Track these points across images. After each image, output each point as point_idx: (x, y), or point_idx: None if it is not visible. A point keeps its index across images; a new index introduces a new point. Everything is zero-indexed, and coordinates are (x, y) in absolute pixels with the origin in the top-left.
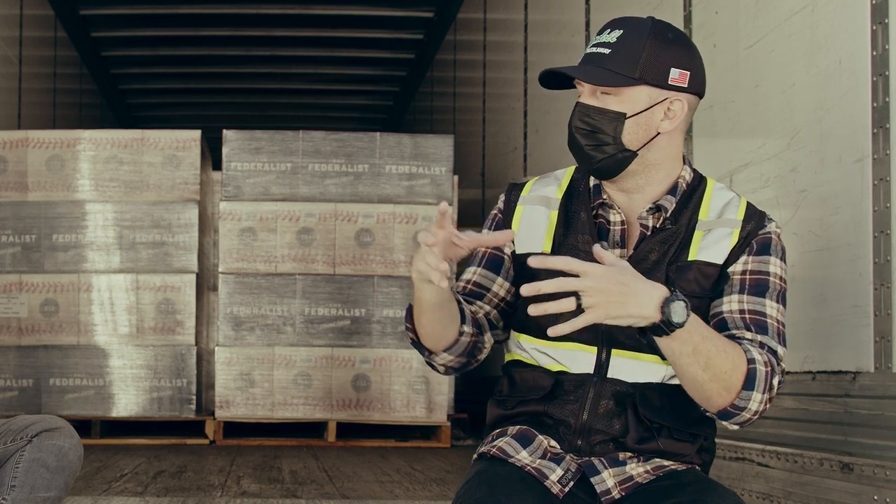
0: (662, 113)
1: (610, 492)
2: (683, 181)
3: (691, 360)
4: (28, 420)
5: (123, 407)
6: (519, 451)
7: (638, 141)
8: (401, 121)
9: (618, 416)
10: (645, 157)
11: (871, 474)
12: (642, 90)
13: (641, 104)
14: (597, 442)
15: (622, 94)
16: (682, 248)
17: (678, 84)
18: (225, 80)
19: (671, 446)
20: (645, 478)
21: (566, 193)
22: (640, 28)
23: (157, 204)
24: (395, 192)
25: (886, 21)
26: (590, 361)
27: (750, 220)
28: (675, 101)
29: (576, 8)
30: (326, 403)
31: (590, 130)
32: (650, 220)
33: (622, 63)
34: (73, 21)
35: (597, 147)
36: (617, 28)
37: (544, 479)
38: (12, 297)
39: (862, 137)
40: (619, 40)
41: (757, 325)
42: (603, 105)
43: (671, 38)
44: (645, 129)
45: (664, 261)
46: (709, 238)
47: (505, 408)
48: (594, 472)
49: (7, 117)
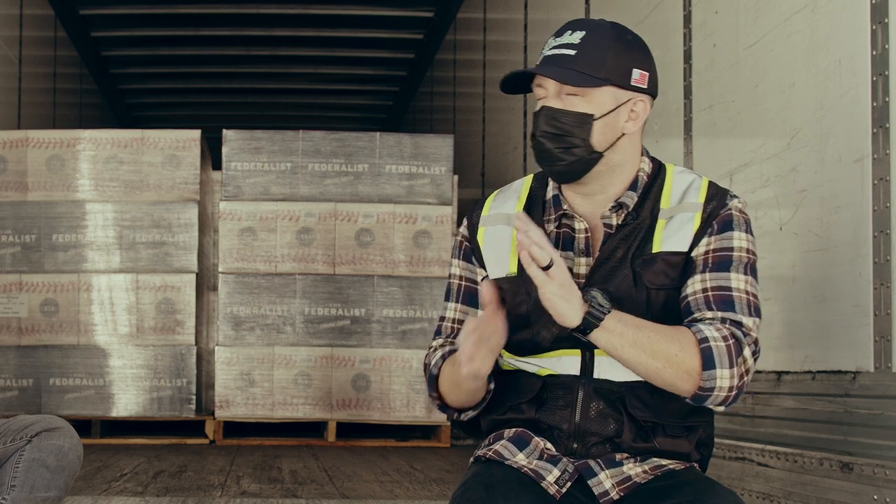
0: (627, 114)
1: (608, 493)
2: (643, 174)
3: (634, 350)
4: (28, 420)
5: (123, 407)
6: (515, 453)
7: (605, 142)
8: (401, 121)
9: (611, 417)
10: (609, 158)
11: (871, 474)
12: (608, 91)
13: (607, 105)
14: (592, 443)
15: (588, 95)
16: (645, 241)
17: (639, 85)
18: (225, 80)
19: (668, 444)
20: (643, 477)
21: (526, 207)
22: (602, 30)
23: (157, 204)
24: (395, 191)
25: (886, 21)
26: (575, 364)
27: (711, 201)
28: (638, 101)
29: (576, 8)
30: (326, 403)
31: (558, 133)
32: (613, 218)
33: (588, 64)
34: (73, 21)
35: (566, 150)
36: (578, 29)
37: (541, 479)
38: (12, 297)
39: (862, 137)
40: (584, 41)
41: (721, 302)
42: (570, 107)
43: (631, 40)
44: (611, 131)
45: (628, 256)
46: (671, 226)
47: (497, 413)
48: (591, 475)
49: (7, 117)
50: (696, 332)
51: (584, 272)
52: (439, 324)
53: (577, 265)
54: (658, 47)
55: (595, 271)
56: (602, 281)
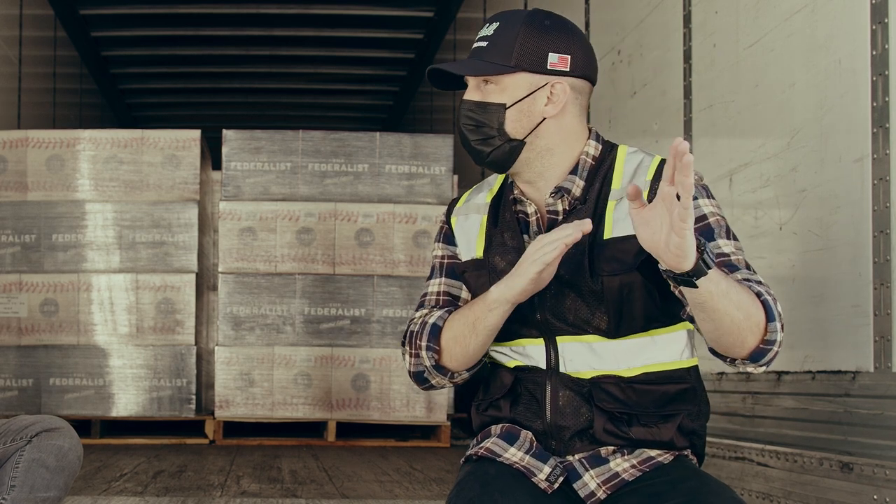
0: (545, 98)
1: (594, 494)
2: (587, 157)
3: (726, 301)
4: (28, 420)
5: (123, 407)
6: (507, 448)
7: (523, 129)
8: (401, 121)
9: (581, 407)
10: (534, 144)
11: (871, 474)
12: (521, 77)
13: (521, 91)
14: (568, 437)
15: (502, 83)
16: (597, 225)
17: (558, 68)
18: (225, 80)
19: (644, 433)
20: (632, 474)
21: (495, 197)
22: (515, 18)
23: (156, 204)
24: (395, 191)
25: (886, 21)
26: (541, 354)
27: (659, 178)
28: (556, 84)
29: (576, 7)
30: (326, 403)
31: (475, 125)
32: (558, 204)
33: (498, 53)
34: (73, 21)
35: (484, 141)
36: (495, 21)
37: (532, 476)
38: (12, 297)
39: (862, 137)
40: (496, 32)
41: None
42: (483, 98)
43: (548, 25)
44: (528, 117)
45: (584, 241)
46: (621, 207)
47: (480, 410)
48: (576, 477)
49: (7, 117)
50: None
51: None
52: (422, 299)
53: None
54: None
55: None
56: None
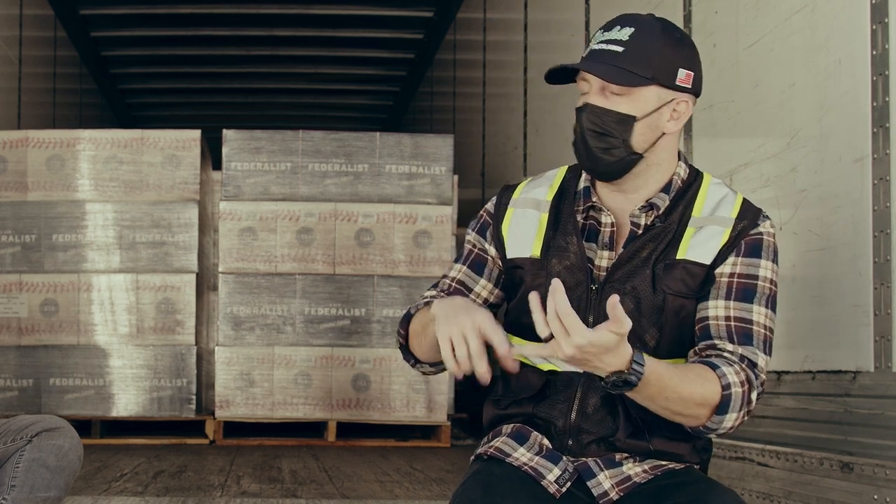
0: (669, 114)
1: (607, 494)
2: (678, 178)
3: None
4: (28, 420)
5: (123, 407)
6: (516, 448)
7: (645, 143)
8: (401, 121)
9: (608, 415)
10: (648, 158)
11: (871, 474)
12: (652, 90)
13: (651, 105)
14: (587, 442)
15: (633, 94)
16: (671, 245)
17: (684, 84)
18: (225, 80)
19: (664, 446)
20: (643, 477)
21: (556, 195)
22: (652, 27)
23: (157, 204)
24: (395, 191)
25: (886, 21)
26: None
27: (743, 219)
28: (681, 101)
29: (576, 7)
30: (326, 403)
31: (600, 132)
32: (642, 218)
33: (637, 62)
34: (73, 21)
35: (606, 150)
36: (627, 25)
37: (541, 478)
38: (12, 297)
39: (862, 137)
40: (632, 38)
41: (741, 335)
42: (613, 106)
43: (679, 38)
44: (652, 131)
45: (652, 258)
46: (699, 236)
47: (499, 408)
48: (590, 476)
49: (7, 117)
50: (721, 377)
51: (605, 265)
52: (441, 279)
53: (600, 258)
54: None
55: (617, 268)
56: (622, 278)
